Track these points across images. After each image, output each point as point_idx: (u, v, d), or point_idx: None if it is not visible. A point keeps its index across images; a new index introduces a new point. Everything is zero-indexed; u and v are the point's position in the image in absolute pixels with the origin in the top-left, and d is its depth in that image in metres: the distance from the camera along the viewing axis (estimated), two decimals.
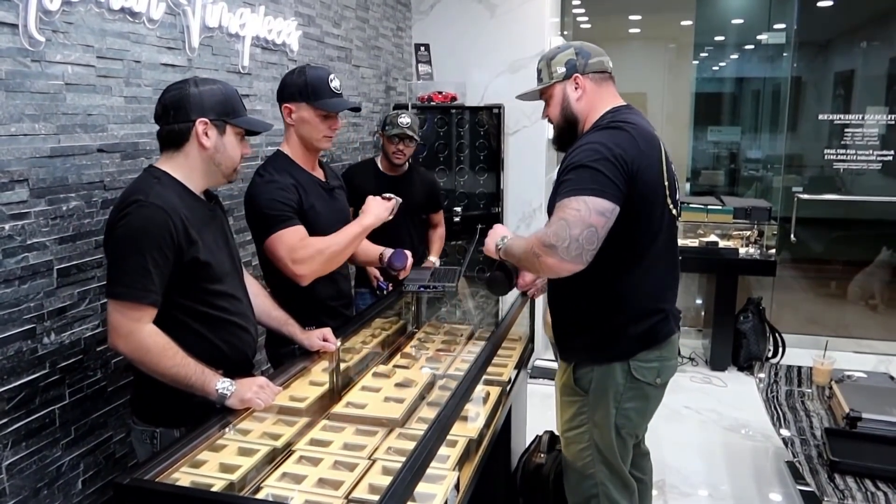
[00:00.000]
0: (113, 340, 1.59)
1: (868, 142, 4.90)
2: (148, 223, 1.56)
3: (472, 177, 4.31)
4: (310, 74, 2.10)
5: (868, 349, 4.79)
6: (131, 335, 1.57)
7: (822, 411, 2.83)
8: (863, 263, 5.59)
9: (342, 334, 2.18)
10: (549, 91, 1.98)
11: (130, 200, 1.58)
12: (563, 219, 1.69)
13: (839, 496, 2.19)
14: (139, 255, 1.55)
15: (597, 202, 1.68)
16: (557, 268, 1.71)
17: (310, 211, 2.13)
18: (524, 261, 1.83)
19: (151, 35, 2.08)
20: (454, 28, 4.37)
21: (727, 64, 6.32)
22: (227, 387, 1.63)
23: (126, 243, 1.56)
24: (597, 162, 1.71)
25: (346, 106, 2.17)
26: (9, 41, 1.61)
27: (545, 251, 1.70)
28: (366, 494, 1.46)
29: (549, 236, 1.69)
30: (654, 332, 1.91)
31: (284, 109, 2.14)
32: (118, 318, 1.57)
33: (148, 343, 1.58)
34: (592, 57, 1.95)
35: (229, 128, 1.70)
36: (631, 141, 1.77)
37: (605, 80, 1.96)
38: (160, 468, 1.43)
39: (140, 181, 1.65)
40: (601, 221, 1.69)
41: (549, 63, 1.97)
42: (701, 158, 6.21)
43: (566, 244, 1.66)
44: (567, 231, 1.67)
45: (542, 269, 1.77)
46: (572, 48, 1.96)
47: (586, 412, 1.97)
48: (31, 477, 1.73)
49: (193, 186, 1.70)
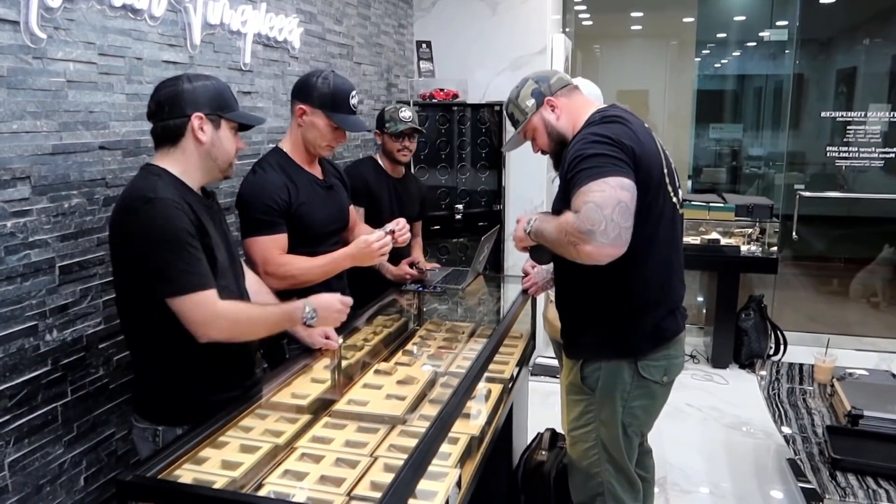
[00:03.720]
0: (206, 333, 1.58)
1: (870, 139, 4.90)
2: (171, 216, 1.55)
3: (474, 174, 4.30)
4: (335, 84, 2.10)
5: (870, 347, 4.79)
6: (217, 319, 1.58)
7: (824, 409, 2.83)
8: (865, 261, 5.59)
9: (344, 332, 2.18)
10: (529, 127, 2.00)
11: (140, 198, 1.56)
12: (590, 201, 1.62)
13: (840, 494, 2.19)
14: (181, 248, 1.54)
15: (617, 179, 1.65)
16: (597, 254, 1.62)
17: (300, 209, 2.13)
18: (559, 247, 1.74)
19: (153, 32, 2.08)
20: (456, 25, 4.36)
21: (729, 61, 6.32)
22: (310, 314, 1.72)
23: (162, 241, 1.54)
24: (600, 146, 1.71)
25: (361, 128, 2.21)
26: (10, 38, 1.61)
27: (582, 238, 1.61)
28: (368, 491, 1.46)
29: (582, 222, 1.61)
30: (662, 330, 1.91)
31: (298, 109, 2.13)
32: (196, 310, 1.56)
33: (234, 317, 1.61)
34: (551, 78, 1.98)
35: (223, 122, 1.70)
36: (626, 129, 1.77)
37: (573, 91, 1.98)
38: (162, 465, 1.43)
39: (141, 179, 1.63)
40: (627, 196, 1.65)
41: (516, 104, 1.99)
42: (703, 156, 6.20)
43: (603, 226, 1.59)
44: (599, 212, 1.60)
45: (580, 257, 1.66)
46: (530, 80, 1.99)
47: (593, 411, 1.96)
48: (34, 474, 1.73)
49: (191, 182, 1.69)
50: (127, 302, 1.68)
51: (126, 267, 1.61)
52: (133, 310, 1.67)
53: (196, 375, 1.70)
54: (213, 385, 1.72)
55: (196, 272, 1.56)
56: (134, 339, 1.73)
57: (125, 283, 1.65)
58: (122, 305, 1.70)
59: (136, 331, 1.70)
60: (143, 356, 1.72)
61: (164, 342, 1.65)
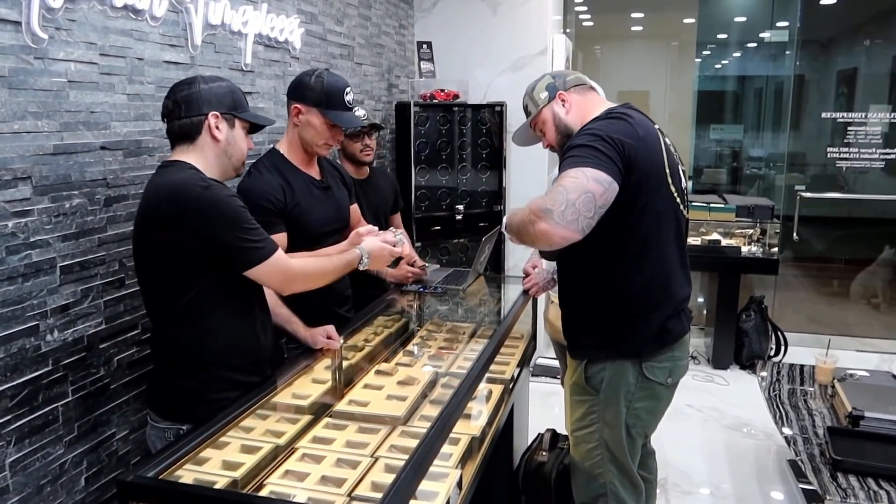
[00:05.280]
0: (289, 288, 1.79)
1: (871, 140, 4.89)
2: (231, 196, 1.66)
3: (475, 175, 4.30)
4: (328, 82, 2.09)
5: (870, 348, 4.79)
6: (298, 275, 1.75)
7: (825, 410, 2.83)
8: (865, 262, 5.59)
9: (345, 332, 2.18)
10: (539, 119, 2.02)
11: (195, 185, 1.60)
12: (560, 185, 1.66)
13: (841, 495, 2.19)
14: (248, 221, 1.65)
15: (594, 172, 1.67)
16: (551, 233, 1.62)
17: (295, 210, 2.13)
18: (521, 231, 1.74)
19: (154, 32, 2.08)
20: (456, 26, 4.37)
21: (730, 62, 6.32)
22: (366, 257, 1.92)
23: (232, 219, 1.62)
24: (594, 141, 1.72)
25: (356, 124, 2.21)
26: (12, 38, 1.61)
27: (540, 215, 1.62)
28: (368, 492, 1.46)
29: (544, 201, 1.64)
30: (667, 331, 1.90)
31: (293, 109, 2.13)
32: (277, 272, 1.69)
33: (304, 272, 1.78)
34: (568, 76, 2.03)
35: (237, 121, 1.75)
36: (629, 128, 1.78)
37: (587, 91, 2.01)
38: (163, 466, 1.43)
39: (177, 172, 1.65)
40: (599, 189, 1.65)
41: (531, 96, 2.04)
42: (703, 157, 6.20)
43: (562, 208, 1.61)
44: (564, 195, 1.62)
45: (536, 237, 1.67)
46: (548, 75, 2.05)
47: (597, 411, 1.96)
48: (35, 474, 1.73)
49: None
50: (161, 295, 1.69)
51: (177, 256, 1.62)
52: (167, 303, 1.69)
53: (222, 373, 1.72)
54: (237, 383, 1.75)
55: (264, 240, 1.67)
56: (162, 334, 1.75)
57: (168, 274, 1.66)
58: (153, 299, 1.72)
59: (165, 325, 1.72)
60: (168, 353, 1.74)
61: (194, 337, 1.69)
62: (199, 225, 1.60)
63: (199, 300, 1.67)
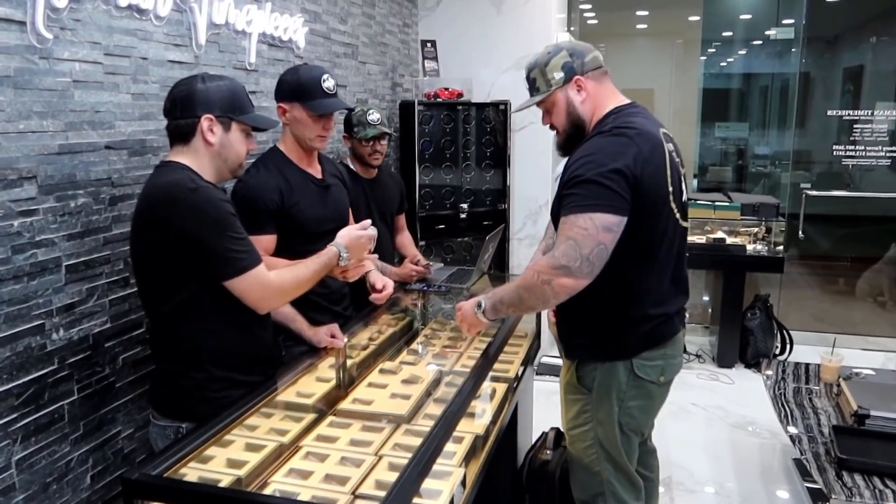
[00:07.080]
0: (269, 305, 1.75)
1: (877, 138, 4.87)
2: (219, 200, 1.63)
3: (479, 173, 4.30)
4: (303, 74, 2.09)
5: (876, 346, 4.77)
6: (274, 292, 1.71)
7: (830, 408, 2.82)
8: (871, 260, 5.57)
9: (349, 331, 2.18)
10: (550, 100, 1.91)
11: (185, 188, 1.59)
12: (571, 238, 1.68)
13: (847, 494, 2.18)
14: (234, 230, 1.63)
15: (604, 218, 1.67)
16: (572, 286, 1.70)
17: (292, 208, 2.12)
18: (527, 299, 1.79)
19: (158, 32, 2.09)
20: (460, 24, 4.36)
21: (735, 60, 6.30)
22: (344, 253, 1.85)
23: (217, 225, 1.60)
24: (600, 175, 1.69)
25: (337, 107, 2.13)
26: (17, 38, 1.62)
27: (558, 273, 1.68)
28: (372, 490, 1.47)
29: (559, 258, 1.68)
30: (657, 334, 1.90)
31: (279, 109, 2.14)
32: (257, 286, 1.66)
33: (283, 284, 1.73)
34: (587, 55, 1.88)
35: (235, 124, 1.72)
36: (634, 147, 1.74)
37: (603, 76, 1.91)
38: (168, 463, 1.43)
39: (170, 173, 1.64)
40: (609, 238, 1.68)
41: (543, 70, 1.88)
42: (708, 155, 6.19)
43: (578, 263, 1.66)
44: (577, 251, 1.67)
45: (556, 293, 1.72)
46: (564, 50, 1.87)
47: (590, 410, 1.96)
48: (41, 472, 1.74)
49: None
50: (157, 295, 1.69)
51: (169, 256, 1.62)
52: (163, 302, 1.68)
53: (219, 372, 1.72)
54: (235, 381, 1.75)
55: (248, 252, 1.65)
56: (160, 333, 1.75)
57: (163, 274, 1.65)
58: (150, 299, 1.72)
59: (163, 324, 1.72)
60: (167, 352, 1.74)
61: (191, 336, 1.69)
62: (184, 227, 1.58)
63: (194, 299, 1.66)
